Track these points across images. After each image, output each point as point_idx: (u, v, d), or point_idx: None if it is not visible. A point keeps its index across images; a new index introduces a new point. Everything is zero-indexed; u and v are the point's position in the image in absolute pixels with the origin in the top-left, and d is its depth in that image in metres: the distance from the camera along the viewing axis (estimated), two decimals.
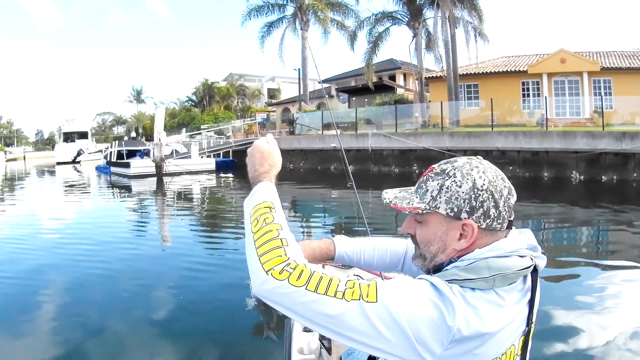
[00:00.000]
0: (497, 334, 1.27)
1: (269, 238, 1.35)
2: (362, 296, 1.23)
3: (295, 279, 1.24)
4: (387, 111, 33.00)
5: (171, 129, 62.04)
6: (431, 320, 1.21)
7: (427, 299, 1.24)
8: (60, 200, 21.62)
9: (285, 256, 1.30)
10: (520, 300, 1.36)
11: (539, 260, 1.42)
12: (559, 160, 20.74)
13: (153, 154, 31.41)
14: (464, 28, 32.26)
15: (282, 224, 1.40)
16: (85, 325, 5.72)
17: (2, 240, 11.43)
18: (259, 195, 1.52)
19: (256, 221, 1.42)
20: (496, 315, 1.28)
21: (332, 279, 1.26)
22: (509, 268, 1.33)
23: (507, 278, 1.32)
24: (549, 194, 17.80)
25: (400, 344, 1.21)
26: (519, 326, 1.36)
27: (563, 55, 30.45)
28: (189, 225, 13.38)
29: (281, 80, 73.79)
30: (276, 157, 1.70)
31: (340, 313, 1.22)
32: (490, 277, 1.30)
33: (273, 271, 1.26)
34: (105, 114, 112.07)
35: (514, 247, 1.39)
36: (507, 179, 1.44)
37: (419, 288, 1.28)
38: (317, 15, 41.10)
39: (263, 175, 1.62)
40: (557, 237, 10.69)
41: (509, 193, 1.41)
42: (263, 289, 1.27)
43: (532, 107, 29.63)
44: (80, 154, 60.49)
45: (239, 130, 45.06)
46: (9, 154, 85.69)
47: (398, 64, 45.64)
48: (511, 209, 1.43)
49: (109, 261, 8.80)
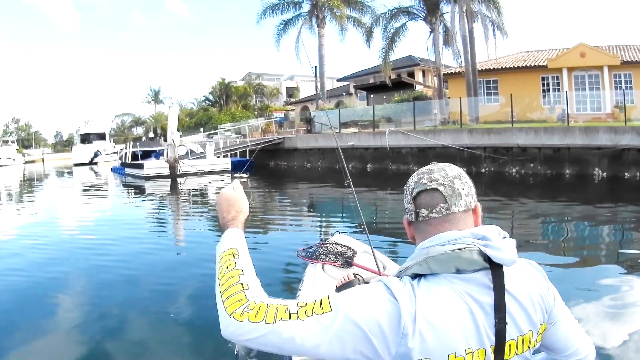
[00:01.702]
0: (446, 324, 1.30)
1: (231, 284, 1.46)
2: (315, 310, 1.34)
3: (254, 317, 1.35)
4: (405, 108, 32.55)
5: (189, 128, 62.22)
6: (385, 313, 1.30)
7: (378, 296, 1.34)
8: (74, 201, 22.00)
9: (245, 299, 1.41)
10: (482, 297, 1.37)
11: (491, 250, 1.38)
12: (580, 157, 20.30)
13: (167, 155, 31.21)
14: (482, 22, 31.80)
15: (244, 269, 1.51)
16: (106, 323, 5.87)
17: (17, 240, 11.81)
18: (225, 243, 1.61)
19: (221, 268, 1.53)
20: (443, 304, 1.32)
21: (286, 306, 1.37)
22: (443, 253, 1.38)
23: (440, 260, 1.37)
24: (571, 192, 17.44)
25: (360, 342, 1.30)
26: (481, 330, 1.34)
27: (583, 49, 29.82)
28: (201, 226, 13.43)
29: (300, 79, 73.61)
30: (242, 204, 1.77)
31: (298, 332, 1.32)
32: (423, 260, 1.39)
33: (235, 314, 1.37)
34: (125, 115, 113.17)
35: (454, 236, 1.43)
36: (437, 172, 1.53)
37: (372, 289, 1.38)
38: (333, 12, 40.74)
39: (230, 222, 1.69)
40: (580, 237, 10.45)
41: (414, 187, 1.55)
42: (228, 332, 1.38)
43: (552, 103, 29.17)
44: (98, 155, 61.11)
45: (257, 130, 44.79)
46: (28, 156, 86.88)
47: (416, 61, 45.02)
48: (418, 201, 1.53)
49: (122, 261, 8.94)
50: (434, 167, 1.57)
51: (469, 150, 23.48)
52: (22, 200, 23.61)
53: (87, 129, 73.73)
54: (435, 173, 1.53)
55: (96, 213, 17.27)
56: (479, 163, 23.25)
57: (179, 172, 29.90)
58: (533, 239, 9.86)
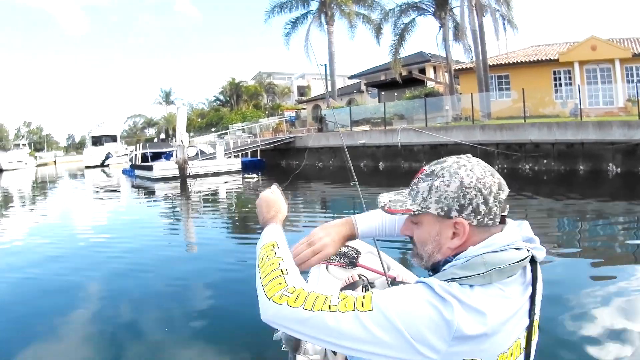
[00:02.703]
0: (501, 328, 1.30)
1: (271, 270, 1.50)
2: (357, 306, 1.31)
3: (293, 301, 1.36)
4: (417, 105, 32.16)
5: (200, 129, 62.30)
6: (429, 319, 1.25)
7: (422, 300, 1.29)
8: (84, 203, 22.40)
9: (284, 283, 1.44)
10: (523, 293, 1.39)
11: (536, 252, 1.44)
12: (594, 152, 20.08)
13: (176, 156, 31.00)
14: (491, 16, 31.46)
15: (283, 257, 1.56)
16: (121, 322, 5.94)
17: (30, 240, 12.30)
18: (266, 237, 1.69)
19: (261, 258, 1.58)
20: (499, 309, 1.30)
21: (326, 297, 1.36)
22: (505, 262, 1.35)
23: (504, 271, 1.35)
24: (585, 188, 17.26)
25: (401, 347, 1.26)
26: (522, 319, 1.38)
27: (594, 42, 29.50)
28: (210, 227, 13.54)
29: (311, 77, 73.43)
30: (281, 205, 1.85)
31: (337, 324, 1.30)
32: (487, 272, 1.33)
33: (274, 297, 1.40)
34: (137, 117, 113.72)
35: (508, 241, 1.40)
36: (498, 173, 1.47)
37: (415, 291, 1.33)
38: (341, 9, 40.67)
39: (270, 219, 1.79)
40: (594, 235, 10.29)
41: (499, 188, 1.43)
42: (267, 315, 1.41)
43: (564, 97, 28.89)
44: (109, 157, 61.27)
45: (268, 129, 44.73)
46: (40, 159, 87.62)
47: (427, 57, 44.85)
48: (502, 203, 1.44)
49: (135, 261, 9.12)
50: (483, 163, 1.51)
51: (482, 147, 23.29)
52: (34, 202, 24.02)
53: (98, 131, 73.89)
54: (495, 173, 1.47)
55: (107, 214, 17.48)
56: (491, 160, 23.01)
57: (189, 174, 29.72)
58: (548, 237, 9.72)
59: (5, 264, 9.51)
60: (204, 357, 5.01)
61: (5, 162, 69.51)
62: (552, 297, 5.58)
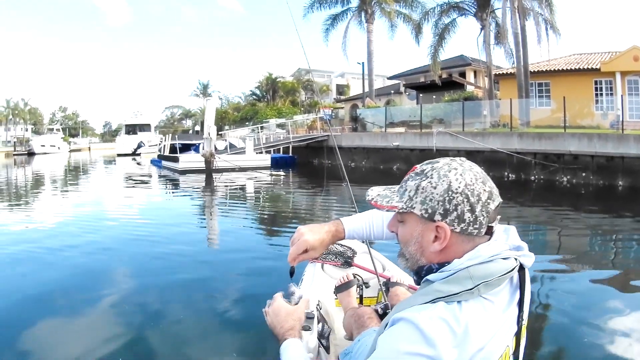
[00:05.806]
0: (490, 342, 1.28)
1: None
2: None
3: None
4: (455, 109, 31.57)
5: (234, 123, 62.54)
6: None
7: (405, 355, 1.21)
8: (111, 190, 23.34)
9: None
10: (510, 301, 1.38)
11: (524, 259, 1.41)
12: (635, 168, 19.33)
13: (202, 149, 30.54)
14: (534, 20, 30.89)
15: None
16: (146, 311, 5.97)
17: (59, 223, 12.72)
18: (286, 356, 1.68)
19: None
20: (486, 325, 1.28)
21: None
22: (492, 274, 1.32)
23: (491, 284, 1.31)
24: (624, 205, 16.54)
25: None
26: (511, 327, 1.38)
27: (636, 52, 28.34)
28: (235, 222, 13.51)
29: (350, 77, 73.01)
30: (300, 313, 1.87)
31: None
32: (475, 287, 1.29)
33: None
34: (174, 107, 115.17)
35: (494, 252, 1.36)
36: (491, 181, 1.42)
37: (394, 345, 1.24)
38: (382, 8, 40.30)
39: (288, 333, 1.76)
40: (629, 255, 9.72)
41: (489, 197, 1.38)
42: None
43: (605, 108, 28.04)
44: (141, 147, 62.07)
45: (302, 126, 44.47)
46: (74, 145, 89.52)
47: (468, 61, 44.14)
48: (490, 214, 1.38)
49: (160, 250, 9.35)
50: (477, 168, 1.44)
51: (519, 155, 22.71)
52: (64, 185, 25.23)
53: (133, 120, 75.05)
54: (488, 181, 1.42)
55: (130, 202, 18.23)
56: (528, 170, 22.51)
57: (215, 167, 29.40)
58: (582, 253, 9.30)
59: (34, 242, 9.82)
60: (225, 347, 5.00)
61: (37, 146, 71.36)
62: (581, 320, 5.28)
